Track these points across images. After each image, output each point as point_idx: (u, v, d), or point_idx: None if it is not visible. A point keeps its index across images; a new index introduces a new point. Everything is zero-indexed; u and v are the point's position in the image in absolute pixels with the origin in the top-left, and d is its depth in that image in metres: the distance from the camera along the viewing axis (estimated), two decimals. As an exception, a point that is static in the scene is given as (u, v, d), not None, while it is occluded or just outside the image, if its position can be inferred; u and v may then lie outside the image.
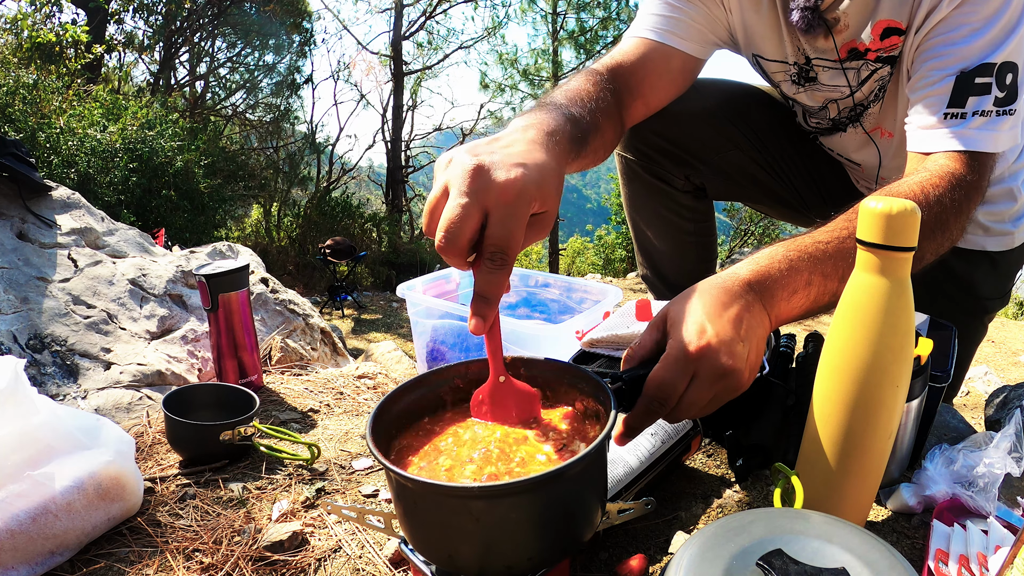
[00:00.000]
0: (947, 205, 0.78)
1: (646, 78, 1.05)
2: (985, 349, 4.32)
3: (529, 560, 0.59)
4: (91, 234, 1.59)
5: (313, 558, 0.77)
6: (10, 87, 5.96)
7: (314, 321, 1.73)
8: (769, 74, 1.19)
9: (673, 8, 1.06)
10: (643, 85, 1.05)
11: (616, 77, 1.01)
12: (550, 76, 13.16)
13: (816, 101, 1.17)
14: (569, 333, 1.25)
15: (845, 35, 1.00)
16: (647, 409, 0.66)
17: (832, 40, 1.01)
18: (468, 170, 0.59)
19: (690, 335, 0.65)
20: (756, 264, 0.72)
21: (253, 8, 11.23)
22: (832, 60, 1.05)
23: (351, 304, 7.81)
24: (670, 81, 1.08)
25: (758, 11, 1.07)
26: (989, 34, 0.83)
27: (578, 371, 0.70)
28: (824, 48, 1.04)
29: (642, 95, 1.05)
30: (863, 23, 0.98)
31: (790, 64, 1.12)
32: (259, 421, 1.05)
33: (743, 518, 0.56)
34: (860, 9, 0.97)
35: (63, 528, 0.77)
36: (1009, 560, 0.56)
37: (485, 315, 0.60)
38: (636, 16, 1.11)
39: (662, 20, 1.06)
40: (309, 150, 12.87)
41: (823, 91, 1.13)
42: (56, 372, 1.20)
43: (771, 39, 1.10)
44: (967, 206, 0.81)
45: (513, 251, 0.60)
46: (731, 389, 0.67)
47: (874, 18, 0.96)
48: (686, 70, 1.10)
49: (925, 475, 0.78)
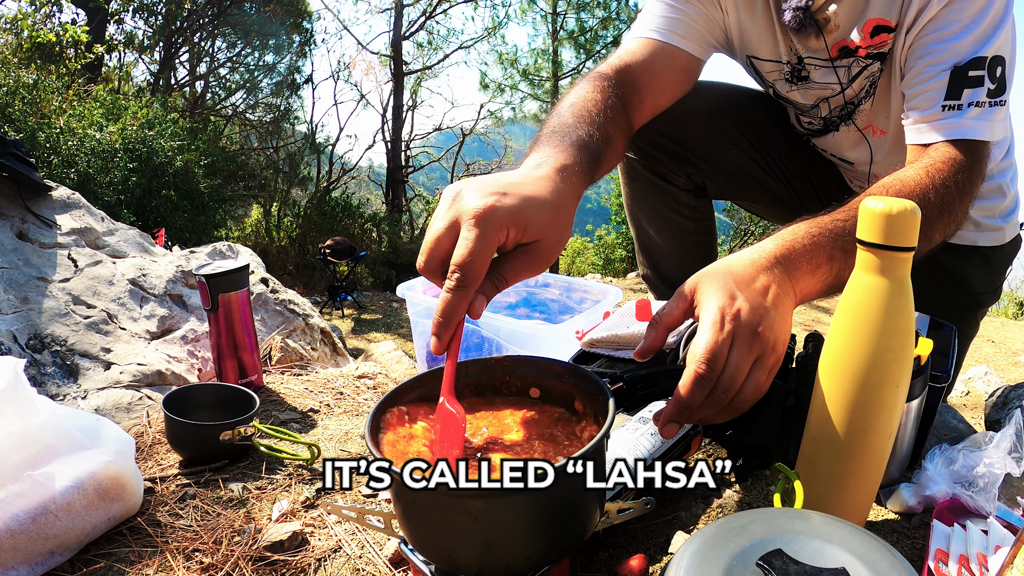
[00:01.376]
0: (951, 188, 0.81)
1: (654, 78, 1.06)
2: (985, 349, 4.32)
3: (528, 559, 0.59)
4: (91, 234, 1.59)
5: (313, 558, 0.77)
6: (10, 87, 5.96)
7: (314, 321, 1.73)
8: (763, 74, 1.20)
9: (675, 9, 1.08)
10: (651, 85, 1.05)
11: (624, 80, 1.01)
12: (550, 76, 13.17)
13: (809, 99, 1.18)
14: (569, 333, 1.25)
15: (836, 35, 1.02)
16: (697, 380, 0.63)
17: (823, 39, 1.03)
18: (451, 196, 0.64)
19: (722, 300, 0.65)
20: (782, 240, 0.73)
21: (253, 8, 11.23)
22: (823, 59, 1.07)
23: (351, 304, 7.81)
24: (676, 81, 1.10)
25: (752, 13, 1.09)
26: (978, 29, 0.87)
27: (577, 371, 0.70)
28: (815, 47, 1.06)
29: (651, 95, 1.05)
30: (853, 23, 0.99)
31: (783, 63, 1.13)
32: (259, 421, 1.05)
33: (743, 518, 0.56)
34: (850, 9, 0.98)
35: (63, 528, 0.77)
36: (1009, 560, 0.56)
37: (440, 336, 0.62)
38: (638, 18, 1.13)
39: (665, 21, 1.08)
40: (309, 150, 12.87)
41: (815, 89, 1.15)
42: (56, 372, 1.20)
43: (765, 40, 1.12)
44: (970, 189, 0.85)
45: (473, 274, 0.60)
46: (767, 357, 0.66)
47: (864, 17, 0.98)
48: (689, 69, 1.11)
49: (925, 475, 0.78)
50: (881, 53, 1.02)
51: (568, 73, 13.21)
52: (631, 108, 1.00)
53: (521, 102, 13.68)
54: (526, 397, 0.73)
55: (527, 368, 0.73)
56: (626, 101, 0.99)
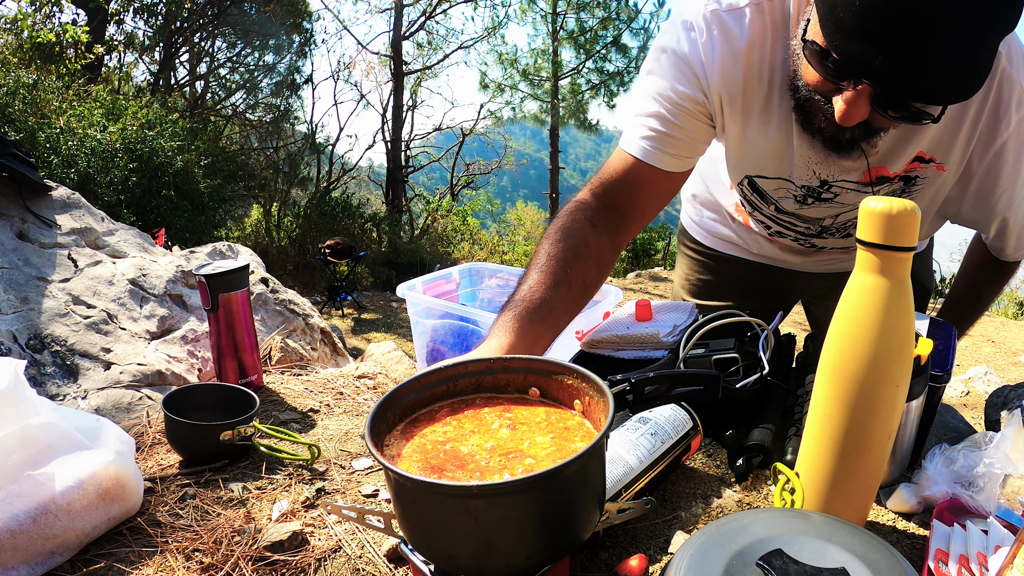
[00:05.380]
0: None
1: (636, 201, 1.05)
2: (985, 349, 4.32)
3: (528, 559, 0.59)
4: (91, 234, 1.59)
5: (313, 558, 0.77)
6: (10, 87, 5.96)
7: (314, 321, 1.73)
8: (766, 192, 1.14)
9: (665, 122, 1.00)
10: (635, 211, 1.06)
11: (607, 205, 1.03)
12: (550, 76, 13.16)
13: (822, 214, 1.13)
14: (569, 333, 1.25)
15: (875, 159, 0.97)
16: None
17: (864, 159, 0.96)
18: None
19: None
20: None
21: (253, 8, 11.23)
22: (857, 181, 1.02)
23: (351, 304, 7.81)
24: (659, 198, 1.08)
25: (765, 132, 1.00)
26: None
27: (577, 370, 0.70)
28: (851, 167, 0.99)
29: (635, 219, 1.07)
30: (898, 153, 0.97)
31: (796, 185, 1.07)
32: (259, 421, 1.05)
33: (743, 518, 0.56)
34: (896, 139, 0.95)
35: (63, 528, 0.77)
36: (1009, 560, 0.56)
37: None
38: (628, 124, 1.06)
39: (651, 141, 1.01)
40: (309, 150, 12.86)
41: (834, 207, 1.10)
42: (56, 372, 1.20)
43: (777, 157, 1.04)
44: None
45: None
46: None
47: (911, 151, 0.96)
48: (673, 184, 1.08)
49: (925, 475, 0.78)
50: (908, 176, 1.00)
51: (568, 73, 13.22)
52: (616, 232, 1.04)
53: (521, 102, 13.69)
54: (526, 397, 0.73)
55: (527, 368, 0.73)
56: (609, 226, 1.02)
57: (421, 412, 0.72)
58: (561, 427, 0.68)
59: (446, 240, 13.03)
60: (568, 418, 0.69)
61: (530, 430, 0.67)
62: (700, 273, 1.52)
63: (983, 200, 0.99)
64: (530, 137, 19.77)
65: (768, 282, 1.41)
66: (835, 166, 1.00)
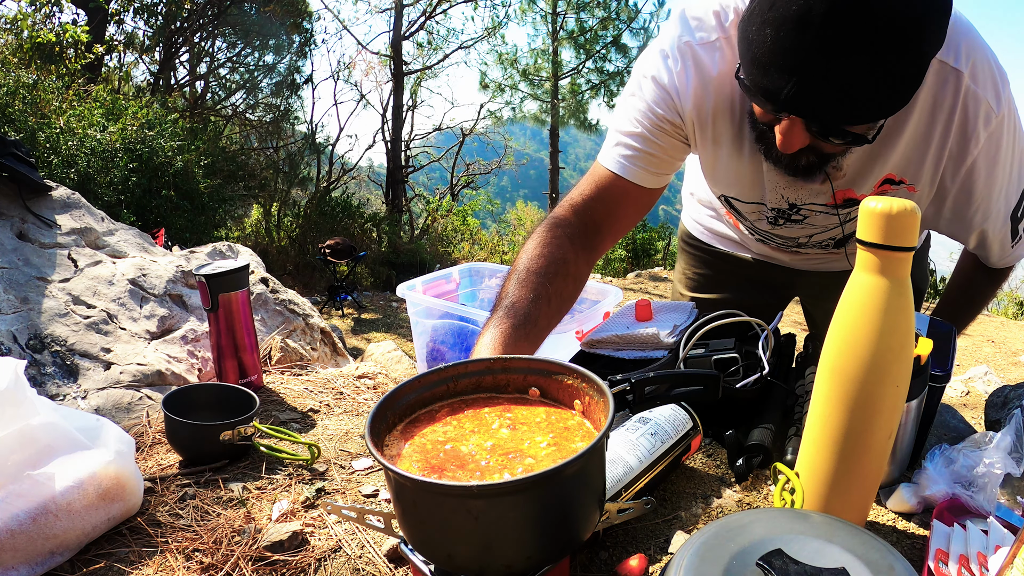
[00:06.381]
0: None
1: (614, 215, 1.08)
2: (985, 349, 4.32)
3: (528, 559, 0.59)
4: (91, 234, 1.59)
5: (313, 558, 0.77)
6: (10, 87, 5.96)
7: (314, 321, 1.73)
8: (743, 213, 1.17)
9: (641, 139, 1.03)
10: (612, 224, 1.08)
11: (584, 220, 1.05)
12: (550, 76, 13.16)
13: (796, 234, 1.17)
14: (569, 333, 1.25)
15: (841, 182, 0.99)
16: None
17: (829, 184, 0.98)
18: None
19: None
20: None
21: (253, 8, 11.22)
22: (824, 204, 1.04)
23: (351, 304, 7.81)
24: (635, 212, 1.10)
25: (739, 159, 1.03)
26: (1017, 180, 0.99)
27: (577, 370, 0.70)
28: (818, 190, 1.02)
29: (611, 233, 1.09)
30: (864, 175, 0.98)
31: (768, 207, 1.10)
32: (259, 421, 1.05)
33: (743, 518, 0.56)
34: (862, 160, 0.96)
35: (63, 528, 0.77)
36: (1009, 560, 0.56)
37: None
38: (607, 137, 1.08)
39: (628, 158, 1.03)
40: (309, 150, 12.86)
41: (805, 228, 1.13)
42: (56, 372, 1.20)
43: (750, 183, 1.07)
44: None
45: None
46: None
47: (877, 172, 0.97)
48: (651, 200, 1.10)
49: (925, 475, 0.78)
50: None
51: (568, 73, 13.22)
52: (591, 248, 1.06)
53: (521, 102, 13.69)
54: (526, 397, 0.73)
55: (527, 368, 0.73)
56: (586, 243, 1.05)
57: (421, 412, 0.72)
58: (561, 427, 0.68)
59: (446, 240, 13.03)
60: (568, 418, 0.69)
61: (530, 430, 0.68)
62: (697, 268, 1.54)
63: (959, 216, 1.00)
64: (530, 137, 19.77)
65: (764, 277, 1.43)
66: (803, 190, 1.03)
